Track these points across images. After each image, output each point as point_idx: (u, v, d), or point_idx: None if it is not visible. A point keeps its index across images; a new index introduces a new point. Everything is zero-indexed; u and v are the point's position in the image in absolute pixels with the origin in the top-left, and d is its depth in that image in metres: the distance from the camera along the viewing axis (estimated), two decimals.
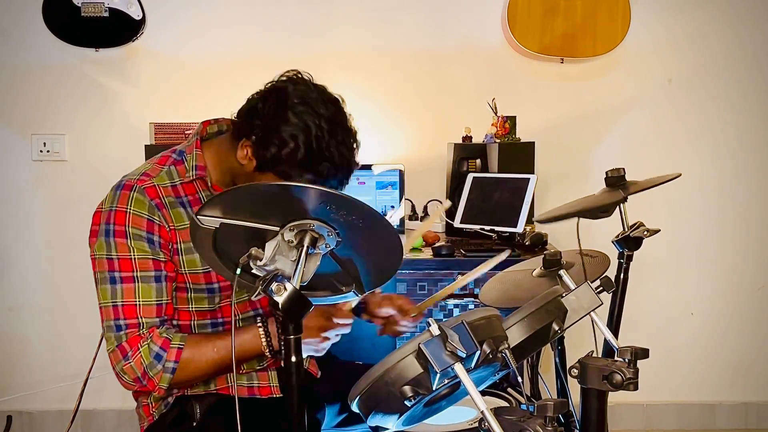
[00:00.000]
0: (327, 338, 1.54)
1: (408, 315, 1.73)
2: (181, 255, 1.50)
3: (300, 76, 1.50)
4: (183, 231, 1.49)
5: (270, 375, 1.61)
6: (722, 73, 2.96)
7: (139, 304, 1.45)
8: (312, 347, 1.54)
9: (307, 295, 1.11)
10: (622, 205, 1.73)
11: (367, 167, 2.71)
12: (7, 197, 2.95)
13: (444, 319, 1.02)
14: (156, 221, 1.47)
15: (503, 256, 1.63)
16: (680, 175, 1.71)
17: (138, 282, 1.46)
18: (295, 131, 1.42)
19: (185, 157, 1.56)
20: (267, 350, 1.50)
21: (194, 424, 1.54)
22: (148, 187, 1.48)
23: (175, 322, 1.54)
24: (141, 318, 1.45)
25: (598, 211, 1.65)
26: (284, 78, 1.49)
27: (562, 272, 1.51)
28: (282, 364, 1.61)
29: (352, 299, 1.41)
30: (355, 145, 1.49)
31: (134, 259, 1.46)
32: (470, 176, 2.60)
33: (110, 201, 1.49)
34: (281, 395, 1.59)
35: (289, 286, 1.08)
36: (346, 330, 1.56)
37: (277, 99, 1.46)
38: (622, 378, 1.24)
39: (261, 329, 1.50)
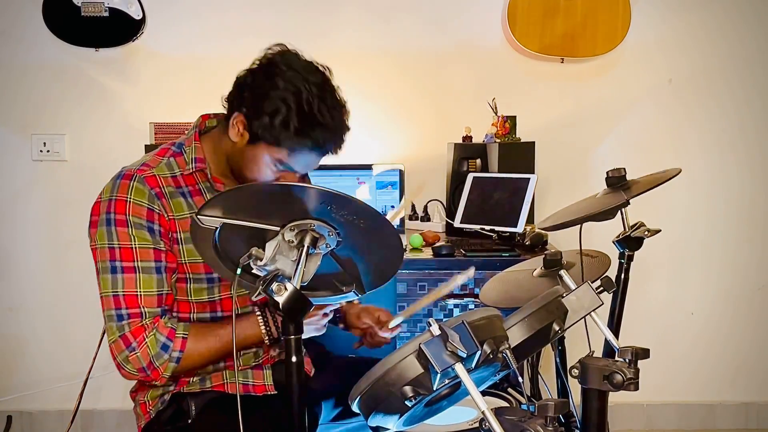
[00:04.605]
0: (326, 314, 1.58)
1: (385, 326, 1.74)
2: (181, 244, 1.50)
3: (287, 48, 1.50)
4: (183, 221, 1.50)
5: (265, 374, 1.62)
6: (722, 73, 2.95)
7: (140, 294, 1.46)
8: (314, 326, 1.57)
9: (307, 295, 1.12)
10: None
11: (367, 167, 2.71)
12: (7, 197, 2.94)
13: (444, 319, 1.02)
14: (156, 210, 1.48)
15: (470, 272, 1.58)
16: (680, 171, 1.71)
17: (139, 272, 1.46)
18: (285, 95, 1.41)
19: (184, 150, 1.57)
20: (266, 337, 1.53)
21: (189, 421, 1.55)
22: (147, 177, 1.49)
23: (175, 314, 1.55)
24: (143, 308, 1.46)
25: (601, 216, 1.65)
26: (271, 51, 1.49)
27: (562, 272, 1.51)
28: (276, 361, 1.63)
29: (352, 298, 1.42)
30: (345, 110, 1.48)
31: (135, 248, 1.46)
32: (470, 176, 2.60)
33: (110, 191, 1.49)
34: (275, 393, 1.60)
35: (290, 286, 1.08)
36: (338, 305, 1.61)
37: (265, 69, 1.46)
38: (623, 378, 1.23)
39: (260, 317, 1.53)
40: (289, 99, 1.41)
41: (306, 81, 1.42)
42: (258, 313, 1.54)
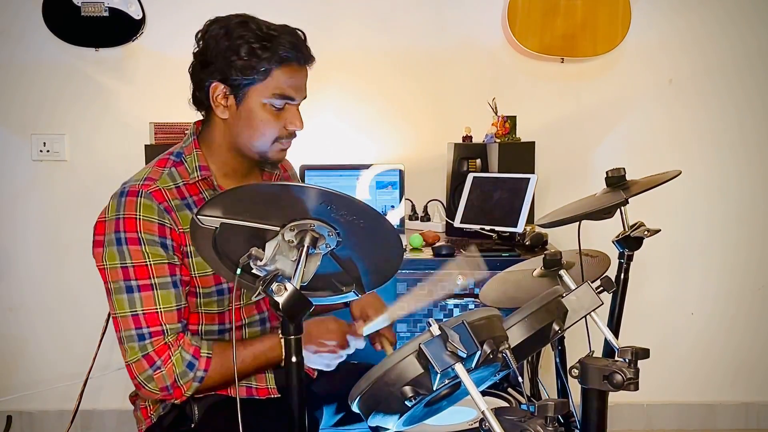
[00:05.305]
0: (341, 355, 1.57)
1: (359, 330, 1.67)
2: (191, 258, 1.49)
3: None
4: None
5: (267, 377, 1.61)
6: (723, 73, 2.95)
7: (161, 311, 1.44)
8: (325, 361, 1.56)
9: (307, 295, 1.11)
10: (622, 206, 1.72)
11: (367, 167, 2.71)
12: (7, 197, 2.94)
13: (444, 319, 1.02)
14: (167, 225, 1.46)
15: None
16: (680, 172, 1.71)
17: (157, 289, 1.44)
18: (234, 35, 1.46)
19: (184, 159, 1.55)
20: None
21: (192, 425, 1.54)
22: (154, 191, 1.47)
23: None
24: (164, 325, 1.44)
25: (599, 213, 1.65)
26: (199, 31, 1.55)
27: (562, 272, 1.51)
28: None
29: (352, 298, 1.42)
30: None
31: (150, 265, 1.44)
32: (470, 176, 2.60)
33: (115, 209, 1.46)
34: (279, 396, 1.60)
35: (290, 286, 1.08)
36: (353, 350, 1.59)
37: (205, 41, 1.51)
38: (623, 378, 1.23)
39: (283, 339, 1.50)
40: (238, 33, 1.46)
41: (237, 16, 1.51)
42: (281, 336, 1.52)
